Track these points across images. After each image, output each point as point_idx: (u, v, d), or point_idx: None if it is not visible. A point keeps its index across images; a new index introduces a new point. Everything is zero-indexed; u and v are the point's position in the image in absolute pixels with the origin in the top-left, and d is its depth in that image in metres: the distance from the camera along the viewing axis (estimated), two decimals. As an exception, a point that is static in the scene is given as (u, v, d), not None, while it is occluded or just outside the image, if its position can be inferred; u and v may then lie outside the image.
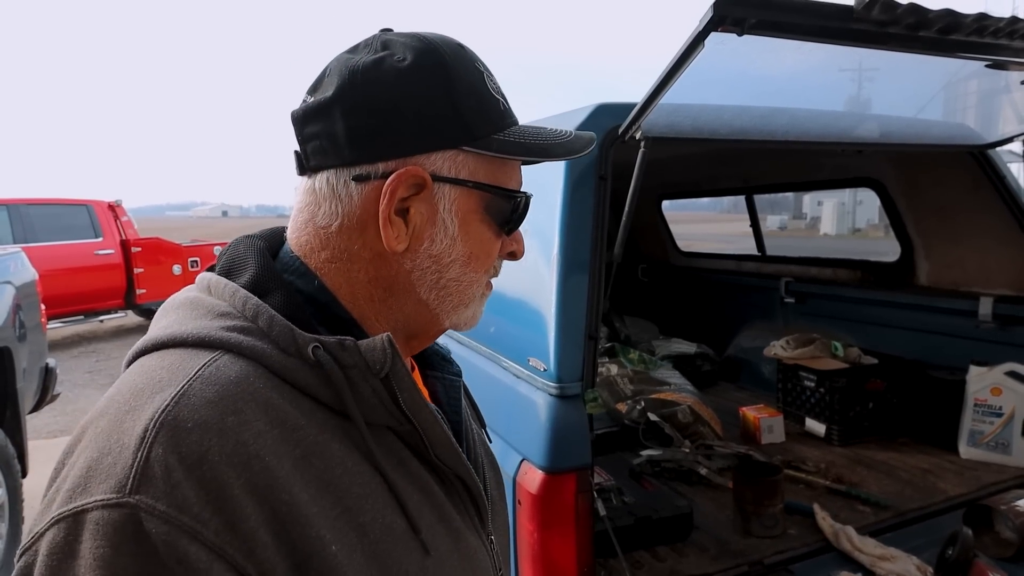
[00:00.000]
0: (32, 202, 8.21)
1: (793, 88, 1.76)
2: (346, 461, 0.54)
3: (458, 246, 0.63)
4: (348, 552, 0.51)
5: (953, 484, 1.93)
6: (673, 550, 1.62)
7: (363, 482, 0.55)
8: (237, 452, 0.48)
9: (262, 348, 0.54)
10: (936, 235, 2.57)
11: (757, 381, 3.08)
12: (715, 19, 1.05)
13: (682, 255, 4.06)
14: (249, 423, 0.50)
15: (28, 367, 3.47)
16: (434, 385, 0.74)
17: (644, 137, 1.46)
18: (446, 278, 0.64)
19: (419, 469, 0.61)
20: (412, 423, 0.59)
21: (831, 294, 2.90)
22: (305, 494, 0.50)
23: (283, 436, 0.51)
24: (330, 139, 0.59)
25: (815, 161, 2.87)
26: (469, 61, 0.63)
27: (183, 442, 0.47)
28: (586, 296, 1.48)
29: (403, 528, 0.56)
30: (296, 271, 0.62)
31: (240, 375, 0.52)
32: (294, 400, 0.54)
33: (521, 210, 0.68)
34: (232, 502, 0.46)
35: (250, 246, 0.63)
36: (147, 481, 0.45)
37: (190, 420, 0.48)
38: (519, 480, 1.42)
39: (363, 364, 0.56)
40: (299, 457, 0.51)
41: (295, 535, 0.48)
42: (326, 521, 0.50)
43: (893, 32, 1.16)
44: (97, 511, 0.45)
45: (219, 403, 0.49)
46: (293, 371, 0.54)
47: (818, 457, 2.18)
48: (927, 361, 2.36)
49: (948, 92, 1.92)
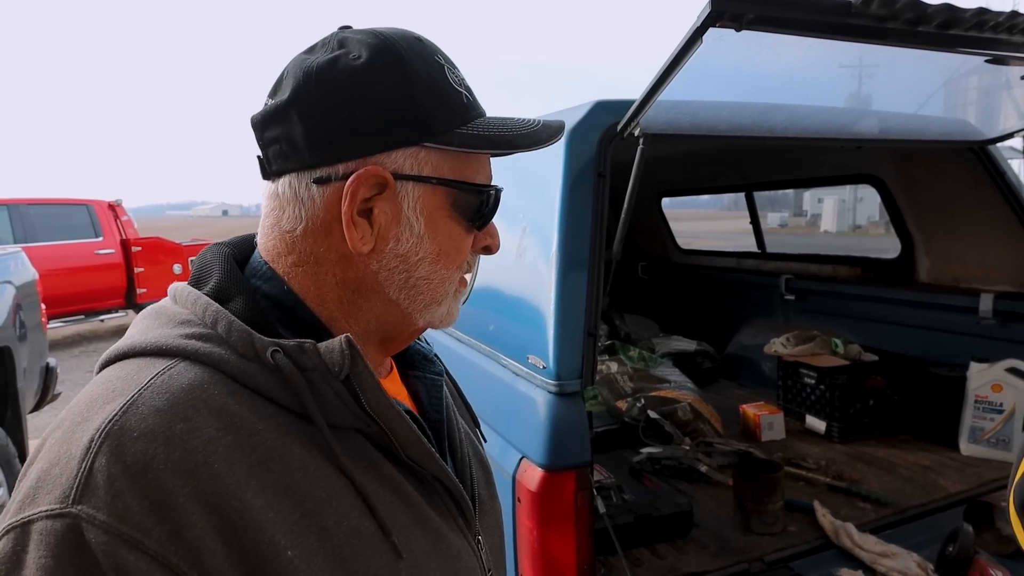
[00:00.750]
0: (32, 202, 8.20)
1: (792, 84, 1.75)
2: (307, 465, 0.53)
3: (426, 244, 0.62)
4: (307, 557, 0.50)
5: (954, 481, 1.93)
6: (673, 547, 1.62)
7: (326, 485, 0.54)
8: (184, 460, 0.47)
9: (219, 354, 0.54)
10: (936, 231, 2.57)
11: (757, 378, 3.08)
12: (713, 14, 1.05)
13: (682, 252, 4.05)
14: (199, 430, 0.49)
15: (29, 367, 3.47)
16: (415, 385, 0.73)
17: (643, 134, 1.46)
18: (415, 277, 0.62)
19: (391, 471, 0.60)
20: (378, 424, 0.58)
21: (831, 291, 2.90)
22: (259, 500, 0.49)
23: (237, 442, 0.51)
24: (289, 143, 0.59)
25: (815, 158, 2.86)
26: (428, 54, 0.61)
27: (127, 451, 0.47)
28: (585, 293, 1.48)
29: (372, 531, 0.55)
30: (263, 276, 0.62)
31: (193, 382, 0.52)
32: (253, 405, 0.53)
33: (491, 204, 0.66)
34: (177, 510, 0.46)
35: (217, 253, 0.63)
36: (89, 491, 0.45)
37: (136, 429, 0.48)
38: (519, 478, 1.42)
39: (323, 366, 0.55)
40: (255, 463, 0.51)
41: (247, 542, 0.48)
42: (283, 526, 0.50)
43: (892, 27, 1.16)
44: (41, 521, 0.45)
45: (168, 411, 0.49)
46: (252, 376, 0.54)
47: (818, 454, 2.18)
48: (928, 358, 2.36)
49: (948, 88, 1.92)
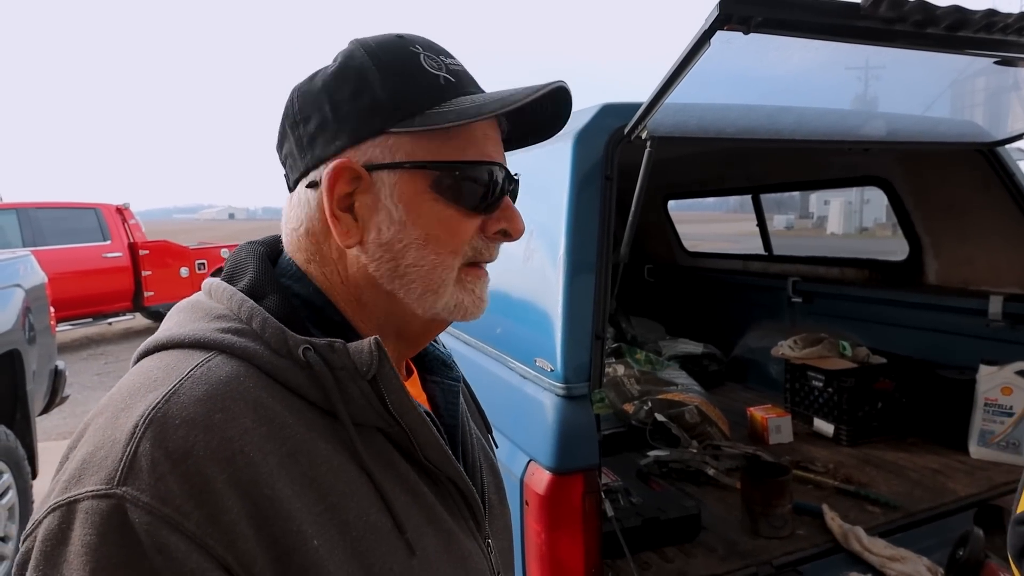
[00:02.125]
0: (41, 206, 8.26)
1: (799, 87, 1.75)
2: (332, 460, 0.55)
3: (409, 230, 0.62)
4: (330, 547, 0.52)
5: (963, 484, 1.92)
6: (681, 551, 1.62)
7: (348, 480, 0.56)
8: (222, 448, 0.50)
9: (254, 349, 0.56)
10: (945, 233, 2.56)
11: (764, 381, 3.07)
12: (721, 17, 1.05)
13: (688, 255, 4.05)
14: (236, 420, 0.51)
15: (38, 369, 3.49)
16: (433, 390, 0.75)
17: (650, 137, 1.46)
18: (404, 265, 0.62)
19: (408, 471, 0.61)
20: (400, 424, 0.60)
21: (839, 293, 2.89)
22: (289, 490, 0.51)
23: (270, 433, 0.53)
24: (291, 155, 0.65)
25: (822, 160, 2.85)
26: (402, 47, 0.63)
27: (170, 437, 0.49)
28: (593, 296, 1.48)
29: (388, 527, 0.57)
30: (293, 275, 0.65)
31: (231, 375, 0.54)
32: (284, 399, 0.55)
33: (488, 183, 0.63)
34: (215, 495, 0.48)
35: (251, 251, 0.66)
36: (134, 474, 0.47)
37: (178, 417, 0.50)
38: (526, 481, 1.42)
39: (351, 366, 0.57)
40: (285, 454, 0.53)
41: (277, 529, 0.50)
42: (309, 516, 0.52)
43: (900, 29, 1.16)
44: (87, 501, 0.47)
45: (207, 401, 0.51)
46: (284, 371, 0.56)
47: (827, 457, 2.17)
48: (937, 360, 2.35)
49: (956, 89, 1.91)
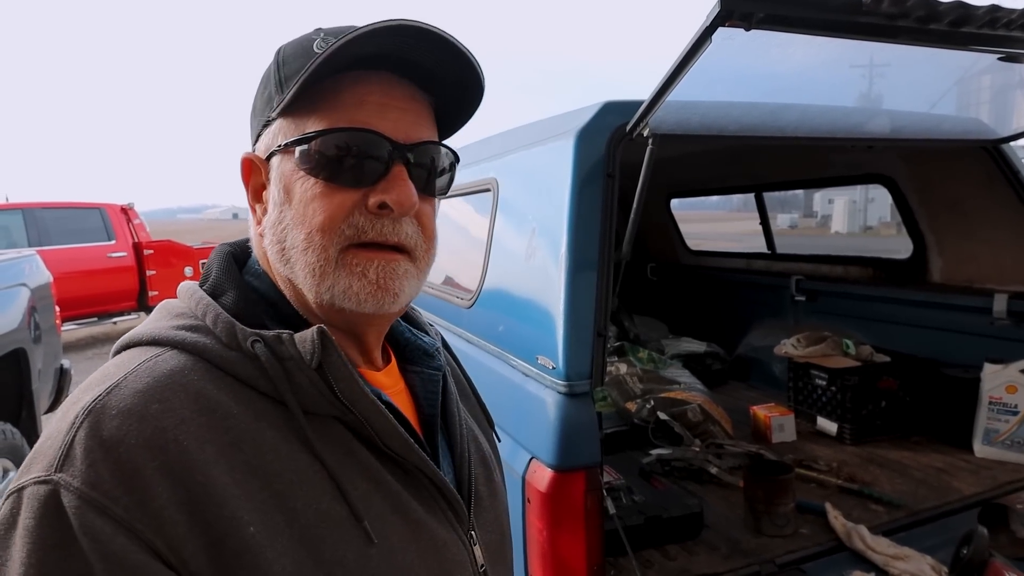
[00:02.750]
0: (46, 206, 8.30)
1: (802, 84, 1.74)
2: (280, 448, 0.56)
3: (286, 210, 0.62)
4: (271, 535, 0.52)
5: (968, 483, 1.91)
6: (683, 549, 1.62)
7: (298, 468, 0.56)
8: (155, 436, 0.51)
9: (204, 343, 0.58)
10: (949, 231, 2.55)
11: (768, 380, 3.06)
12: (722, 14, 1.05)
13: (691, 254, 4.04)
14: (173, 410, 0.53)
15: (43, 368, 3.51)
16: (412, 379, 0.74)
17: (652, 134, 1.46)
18: (287, 247, 0.62)
19: (370, 459, 0.61)
20: (353, 412, 0.60)
21: (842, 292, 2.88)
22: (227, 477, 0.52)
23: (211, 423, 0.54)
24: None
25: (825, 158, 2.84)
26: (307, 38, 0.63)
27: (104, 427, 0.51)
28: (594, 294, 1.47)
29: (343, 515, 0.57)
30: (255, 273, 0.68)
31: (175, 368, 0.56)
32: (232, 391, 0.57)
33: (353, 151, 0.59)
34: (144, 482, 0.49)
35: (219, 252, 0.68)
36: (69, 461, 0.50)
37: (115, 408, 0.52)
38: (528, 478, 1.42)
39: (298, 355, 0.58)
40: (227, 443, 0.54)
41: (210, 515, 0.51)
42: (248, 503, 0.52)
43: (903, 25, 1.15)
44: (31, 487, 0.50)
45: (146, 392, 0.53)
46: (233, 364, 0.58)
47: (830, 456, 2.17)
48: (941, 359, 2.34)
49: (960, 87, 1.90)
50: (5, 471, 3.00)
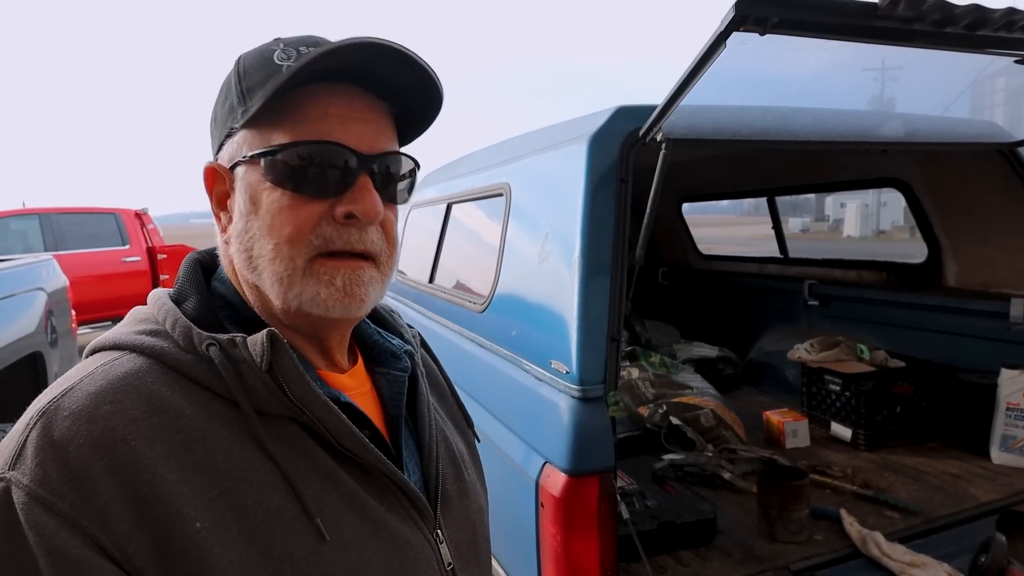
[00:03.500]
0: (62, 211, 8.39)
1: (816, 88, 1.74)
2: (232, 448, 0.57)
3: (252, 220, 0.63)
4: (219, 531, 0.54)
5: (985, 490, 1.89)
6: (697, 555, 1.61)
7: (249, 468, 0.57)
8: (104, 436, 0.53)
9: (161, 346, 0.60)
10: (964, 235, 2.52)
11: (780, 385, 3.04)
12: (737, 19, 1.05)
13: (703, 258, 4.03)
14: (124, 411, 0.55)
15: (60, 371, 3.55)
16: (379, 381, 0.76)
17: (665, 139, 1.46)
18: (254, 256, 0.63)
19: (325, 458, 0.62)
20: (306, 413, 0.61)
21: (856, 296, 2.86)
22: (175, 475, 0.54)
23: (161, 423, 0.55)
24: None
25: (839, 162, 2.83)
26: (264, 48, 0.64)
27: (56, 427, 0.53)
28: (608, 298, 1.48)
29: (294, 512, 0.58)
30: (221, 279, 0.70)
31: (130, 370, 0.58)
32: (186, 392, 0.58)
33: (318, 163, 0.61)
34: (91, 479, 0.51)
35: (187, 260, 0.70)
36: (21, 460, 0.52)
37: (67, 409, 0.54)
38: (542, 483, 1.42)
39: (250, 358, 0.60)
40: (178, 442, 0.55)
41: (156, 512, 0.52)
42: (197, 501, 0.54)
43: (919, 29, 1.15)
44: None
45: (98, 394, 0.55)
46: (188, 366, 0.59)
47: (844, 462, 2.15)
48: (957, 364, 2.31)
49: (975, 89, 1.89)
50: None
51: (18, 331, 3.04)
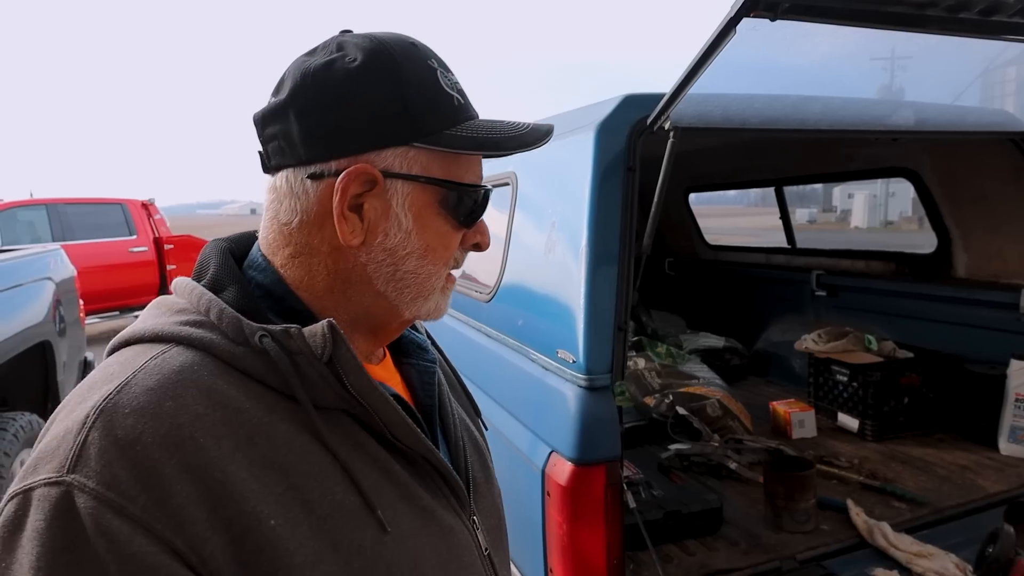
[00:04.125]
0: (69, 201, 8.43)
1: (826, 76, 1.72)
2: (293, 442, 0.56)
3: (413, 239, 0.64)
4: (291, 526, 0.53)
5: (993, 481, 1.88)
6: (703, 544, 1.61)
7: (312, 461, 0.57)
8: (171, 434, 0.51)
9: (210, 339, 0.58)
10: (975, 225, 2.50)
11: (787, 375, 3.04)
12: (748, 4, 1.03)
13: (710, 248, 4.01)
14: (187, 407, 0.53)
15: (68, 360, 3.58)
16: (408, 372, 0.76)
17: (673, 127, 1.45)
18: (402, 270, 0.65)
19: (379, 450, 0.62)
20: (363, 404, 0.60)
21: (864, 287, 2.84)
22: (245, 472, 0.52)
23: (224, 418, 0.54)
24: (286, 139, 0.62)
25: (848, 151, 2.81)
26: (422, 58, 0.64)
27: (119, 426, 0.50)
28: (615, 288, 1.47)
29: (357, 505, 0.58)
30: (257, 267, 0.66)
31: (184, 364, 0.56)
32: (242, 386, 0.57)
33: (479, 204, 0.68)
34: (162, 480, 0.49)
35: (215, 248, 0.68)
36: (82, 461, 0.49)
37: (128, 406, 0.51)
38: (548, 472, 1.42)
39: (307, 349, 0.58)
40: (242, 438, 0.54)
41: (230, 511, 0.51)
42: (268, 497, 0.53)
43: (932, 15, 1.13)
44: (40, 488, 0.49)
45: (158, 390, 0.53)
46: (241, 359, 0.58)
47: (851, 452, 2.15)
48: (965, 355, 2.30)
49: (986, 78, 1.87)
50: (32, 461, 3.06)
51: (26, 320, 3.06)
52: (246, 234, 0.72)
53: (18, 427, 2.88)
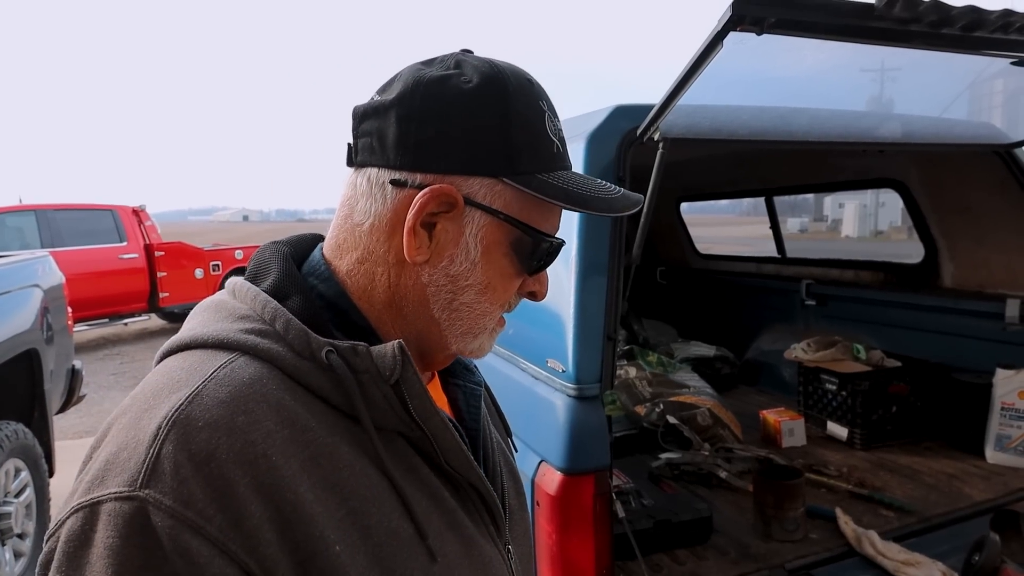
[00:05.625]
0: (59, 207, 8.38)
1: (814, 88, 1.74)
2: (354, 464, 0.55)
3: (477, 272, 0.63)
4: (351, 553, 0.52)
5: (979, 489, 1.89)
6: (692, 553, 1.61)
7: (370, 485, 0.55)
8: (245, 451, 0.49)
9: (277, 351, 0.56)
10: (961, 236, 2.53)
11: (777, 384, 3.05)
12: (734, 19, 1.05)
13: (701, 257, 4.04)
14: (259, 423, 0.51)
15: (55, 369, 3.54)
16: (455, 393, 0.74)
17: (663, 138, 1.46)
18: (459, 301, 0.63)
19: (429, 476, 0.61)
20: (422, 429, 0.59)
21: (853, 296, 2.87)
22: (311, 494, 0.51)
23: (292, 436, 0.52)
24: (380, 139, 0.61)
25: (836, 162, 2.83)
26: (534, 98, 0.63)
27: (193, 440, 0.49)
28: (604, 297, 1.48)
29: (409, 533, 0.56)
30: (320, 275, 0.64)
31: (254, 376, 0.54)
32: (306, 402, 0.55)
33: (549, 254, 0.67)
34: (237, 499, 0.48)
35: (275, 252, 0.65)
36: (156, 476, 0.47)
37: (201, 419, 0.50)
38: (538, 481, 1.42)
39: (374, 370, 0.57)
40: (307, 458, 0.52)
41: (299, 534, 0.49)
42: (331, 521, 0.51)
43: (915, 30, 1.15)
44: (110, 503, 0.47)
45: (231, 403, 0.51)
46: (306, 374, 0.56)
47: (840, 461, 2.15)
48: (952, 364, 2.32)
49: (973, 91, 1.90)
50: (17, 471, 3.03)
51: (13, 328, 3.03)
52: (304, 237, 0.70)
53: (3, 437, 2.85)
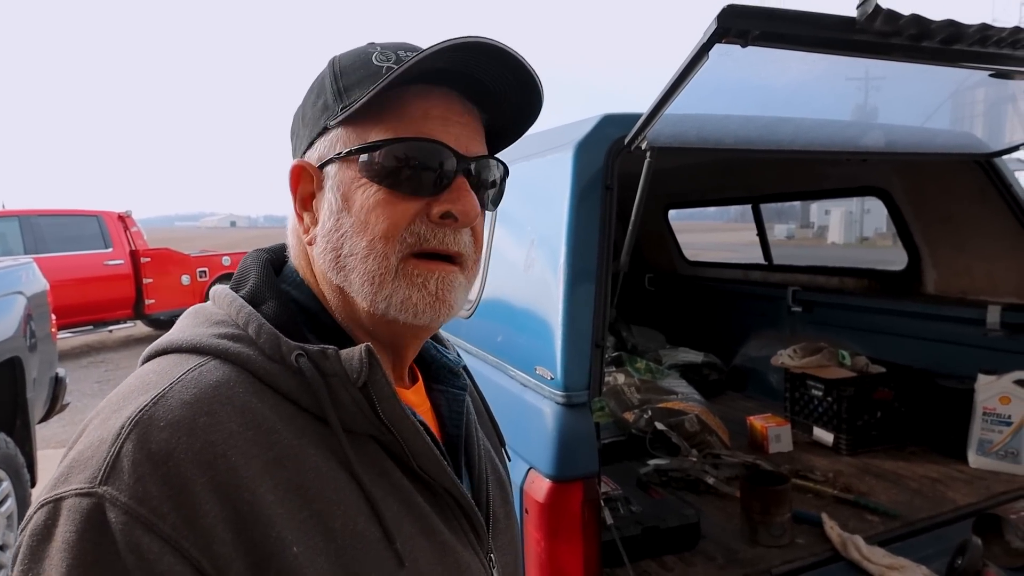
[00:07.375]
0: (43, 213, 8.29)
1: (798, 98, 1.77)
2: (320, 466, 0.55)
3: (344, 218, 0.61)
4: (311, 555, 0.52)
5: (962, 493, 1.92)
6: (680, 559, 1.62)
7: (337, 488, 0.55)
8: (204, 451, 0.50)
9: (248, 354, 0.57)
10: (943, 243, 2.57)
11: (764, 390, 3.07)
12: (719, 31, 1.07)
13: (689, 264, 4.06)
14: (221, 424, 0.52)
15: (38, 377, 3.50)
16: (438, 398, 0.74)
17: (650, 147, 1.48)
18: (343, 255, 0.61)
19: (402, 480, 0.61)
20: (392, 433, 0.59)
21: (838, 303, 2.90)
22: (272, 495, 0.51)
23: (256, 438, 0.53)
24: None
25: (821, 170, 2.87)
26: (360, 50, 0.64)
27: (153, 439, 0.50)
28: (593, 305, 1.49)
29: (376, 536, 0.56)
30: (292, 281, 0.66)
31: (221, 379, 0.55)
32: (275, 405, 0.56)
33: (418, 161, 0.60)
34: (193, 498, 0.48)
35: (256, 259, 0.67)
36: (115, 474, 0.48)
37: (163, 419, 0.51)
38: (526, 488, 1.42)
39: (343, 372, 0.57)
40: (271, 459, 0.53)
41: (256, 534, 0.50)
42: (291, 523, 0.52)
43: (896, 43, 1.17)
44: (71, 499, 0.48)
45: (194, 404, 0.52)
46: (276, 377, 0.57)
47: (826, 466, 2.17)
48: (935, 370, 2.35)
49: (954, 101, 1.93)
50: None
51: (-3, 335, 3.00)
52: (284, 245, 0.71)
53: (-15, 445, 2.81)
